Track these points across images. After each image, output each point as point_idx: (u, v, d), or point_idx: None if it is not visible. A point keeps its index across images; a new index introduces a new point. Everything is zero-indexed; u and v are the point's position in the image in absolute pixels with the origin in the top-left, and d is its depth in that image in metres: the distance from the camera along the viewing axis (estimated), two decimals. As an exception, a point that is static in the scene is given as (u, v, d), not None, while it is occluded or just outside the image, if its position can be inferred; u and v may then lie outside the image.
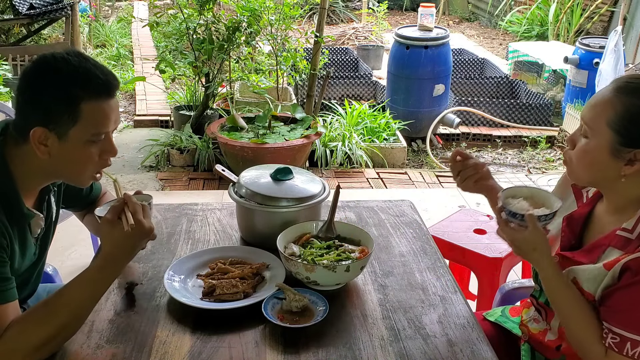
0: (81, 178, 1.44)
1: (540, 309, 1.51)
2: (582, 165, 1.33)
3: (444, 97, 5.32)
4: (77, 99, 1.30)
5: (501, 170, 4.90)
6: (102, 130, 1.35)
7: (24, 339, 1.26)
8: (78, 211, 1.80)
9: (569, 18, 7.77)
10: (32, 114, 1.31)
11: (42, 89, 1.30)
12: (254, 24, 4.53)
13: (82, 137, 1.33)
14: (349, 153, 4.60)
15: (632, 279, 1.23)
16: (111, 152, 1.41)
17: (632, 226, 1.29)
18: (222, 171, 1.81)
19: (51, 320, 1.28)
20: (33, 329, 1.27)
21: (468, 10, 11.19)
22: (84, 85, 1.30)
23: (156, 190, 4.15)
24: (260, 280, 1.57)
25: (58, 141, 1.32)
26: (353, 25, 9.45)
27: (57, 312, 1.29)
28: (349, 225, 1.71)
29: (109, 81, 1.34)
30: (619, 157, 1.27)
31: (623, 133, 1.25)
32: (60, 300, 1.31)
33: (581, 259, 1.36)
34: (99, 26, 8.41)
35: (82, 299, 1.32)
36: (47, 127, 1.30)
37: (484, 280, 2.39)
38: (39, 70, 1.32)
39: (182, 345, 1.34)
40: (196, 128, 4.66)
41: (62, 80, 1.30)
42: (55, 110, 1.30)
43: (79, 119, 1.31)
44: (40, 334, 1.27)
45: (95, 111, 1.32)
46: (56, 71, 1.30)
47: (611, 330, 1.25)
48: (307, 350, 1.34)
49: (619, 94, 1.27)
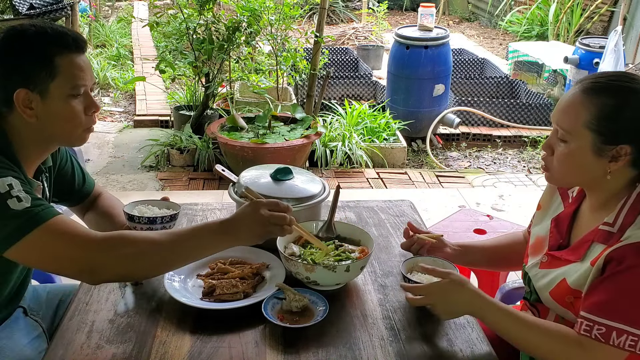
0: (73, 136, 1.47)
1: (533, 309, 1.52)
2: (567, 168, 1.35)
3: (444, 97, 5.32)
4: (50, 54, 1.37)
5: (501, 170, 4.90)
6: (80, 82, 1.41)
7: (122, 254, 1.31)
8: (73, 206, 1.79)
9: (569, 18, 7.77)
10: (12, 80, 1.37)
11: (15, 53, 1.37)
12: (254, 24, 4.53)
13: (62, 92, 1.39)
14: (349, 153, 4.60)
15: (615, 268, 1.24)
16: (94, 107, 1.46)
17: (613, 219, 1.31)
18: (222, 171, 1.81)
19: (153, 255, 1.34)
20: (134, 253, 1.32)
21: (468, 10, 11.19)
22: (54, 41, 1.38)
23: (156, 190, 4.15)
24: (260, 280, 1.57)
25: (41, 101, 1.38)
26: (353, 25, 9.45)
27: (162, 251, 1.34)
28: (349, 225, 1.71)
29: (77, 37, 1.42)
30: (603, 155, 1.30)
31: (603, 132, 1.28)
32: (167, 242, 1.35)
33: (569, 257, 1.39)
34: (99, 26, 8.40)
35: (189, 246, 1.37)
36: (28, 87, 1.36)
37: (484, 280, 2.39)
38: (9, 38, 1.39)
39: (182, 345, 1.34)
40: (196, 128, 4.66)
41: (33, 40, 1.38)
42: (32, 69, 1.36)
43: (57, 74, 1.37)
44: (137, 263, 1.33)
45: (70, 64, 1.39)
46: (26, 35, 1.38)
47: (596, 322, 1.25)
48: (307, 350, 1.34)
49: (589, 95, 1.29)
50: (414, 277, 1.50)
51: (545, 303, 1.44)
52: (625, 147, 1.28)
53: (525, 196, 4.17)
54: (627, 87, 1.29)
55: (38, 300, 1.71)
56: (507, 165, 5.05)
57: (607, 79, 1.32)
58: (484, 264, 1.85)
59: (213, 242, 1.39)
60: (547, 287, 1.41)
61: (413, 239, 1.67)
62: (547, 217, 1.54)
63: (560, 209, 1.50)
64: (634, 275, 1.23)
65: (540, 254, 1.49)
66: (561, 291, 1.37)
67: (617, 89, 1.29)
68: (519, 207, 3.93)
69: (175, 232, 1.42)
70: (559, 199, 1.53)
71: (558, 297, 1.38)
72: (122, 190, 4.13)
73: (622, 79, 1.31)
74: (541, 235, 1.52)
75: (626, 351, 1.23)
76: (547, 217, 1.53)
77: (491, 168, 4.98)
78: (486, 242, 1.82)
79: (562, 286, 1.37)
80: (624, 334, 1.22)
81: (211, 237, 1.38)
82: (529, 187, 4.39)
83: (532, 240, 1.56)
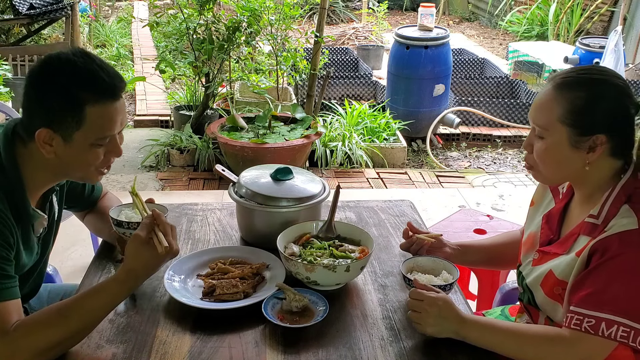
0: (86, 177, 1.45)
1: (527, 310, 1.53)
2: (547, 164, 1.38)
3: (444, 97, 5.31)
4: (81, 102, 1.28)
5: (501, 170, 4.90)
6: (108, 134, 1.34)
7: (31, 341, 1.25)
8: (79, 211, 1.80)
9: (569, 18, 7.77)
10: (37, 114, 1.30)
11: (46, 90, 1.28)
12: (254, 24, 4.53)
13: (87, 140, 1.32)
14: (349, 153, 4.60)
15: (599, 260, 1.27)
16: (115, 153, 1.40)
17: (598, 212, 1.34)
18: (222, 171, 1.81)
19: (62, 326, 1.27)
20: (42, 331, 1.26)
21: (468, 10, 11.19)
22: (89, 87, 1.28)
23: (156, 190, 4.15)
24: (260, 280, 1.57)
25: (63, 142, 1.31)
26: (353, 25, 9.45)
27: (69, 318, 1.28)
28: (349, 225, 1.71)
29: (115, 83, 1.31)
30: (580, 147, 1.32)
31: (577, 124, 1.31)
32: (74, 307, 1.30)
33: (557, 250, 1.41)
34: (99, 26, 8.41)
35: (96, 308, 1.32)
36: (52, 127, 1.29)
37: (484, 280, 2.39)
38: (44, 71, 1.30)
39: (182, 345, 1.34)
40: (196, 128, 4.66)
41: (66, 83, 1.27)
42: (60, 113, 1.28)
43: (84, 123, 1.29)
44: (49, 337, 1.26)
45: (101, 115, 1.30)
46: (61, 73, 1.28)
47: (586, 315, 1.26)
48: (307, 350, 1.34)
49: (560, 90, 1.33)
50: (413, 277, 1.50)
51: (537, 300, 1.44)
52: (601, 137, 1.31)
53: (525, 196, 4.17)
54: (597, 79, 1.33)
55: (39, 299, 1.71)
56: (507, 165, 5.05)
57: (577, 73, 1.36)
58: (483, 263, 1.86)
59: (123, 292, 1.36)
60: (537, 280, 1.43)
61: (412, 239, 1.68)
62: (538, 213, 1.56)
63: (551, 205, 1.53)
64: (618, 263, 1.24)
65: (532, 251, 1.50)
66: (550, 283, 1.39)
67: (587, 82, 1.32)
68: (519, 207, 3.93)
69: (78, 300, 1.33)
70: (550, 196, 1.55)
71: (547, 289, 1.40)
72: (122, 190, 4.13)
73: (592, 72, 1.35)
74: (533, 232, 1.54)
75: (617, 342, 1.24)
76: (539, 214, 1.56)
77: (491, 168, 4.99)
78: (484, 242, 1.83)
79: (550, 278, 1.39)
80: (614, 324, 1.23)
81: (116, 289, 1.34)
82: (529, 187, 4.39)
83: (525, 236, 1.57)
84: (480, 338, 1.35)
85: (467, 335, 1.35)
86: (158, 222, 1.37)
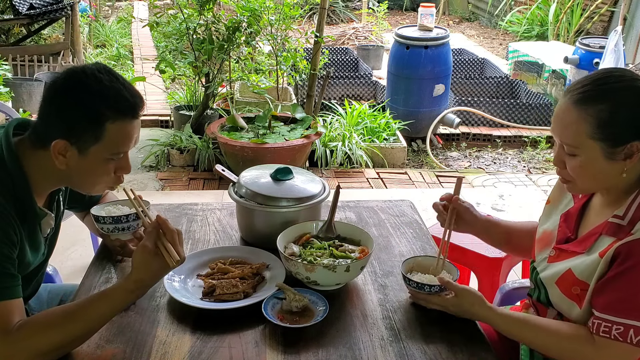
0: (93, 190, 1.46)
1: (535, 307, 1.52)
2: (585, 178, 1.36)
3: (444, 97, 5.32)
4: (103, 118, 1.30)
5: (501, 170, 4.90)
6: (123, 149, 1.37)
7: (33, 342, 1.25)
8: (80, 211, 1.80)
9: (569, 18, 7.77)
10: (56, 125, 1.31)
11: (70, 103, 1.30)
12: (254, 24, 4.53)
13: (102, 155, 1.34)
14: (349, 153, 4.60)
15: (621, 266, 1.26)
16: (125, 169, 1.41)
17: (623, 212, 1.32)
18: (222, 171, 1.81)
19: (65, 329, 1.27)
20: (45, 333, 1.26)
21: (468, 10, 11.19)
22: (112, 105, 1.30)
23: (156, 190, 4.15)
24: (260, 280, 1.57)
25: (77, 155, 1.32)
26: (353, 25, 9.45)
27: (73, 322, 1.28)
28: (349, 225, 1.71)
29: (136, 102, 1.35)
30: (616, 158, 1.30)
31: (607, 137, 1.29)
32: (79, 311, 1.30)
33: (575, 248, 1.40)
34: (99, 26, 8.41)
35: (101, 313, 1.32)
36: (69, 140, 1.30)
37: (484, 280, 2.39)
38: (70, 84, 1.31)
39: (182, 345, 1.34)
40: (196, 128, 4.66)
41: (91, 100, 1.29)
42: (80, 126, 1.30)
43: (102, 138, 1.31)
44: (51, 339, 1.26)
45: (120, 131, 1.33)
46: (87, 88, 1.30)
47: (614, 322, 1.26)
48: (307, 350, 1.34)
49: (582, 106, 1.30)
50: (413, 277, 1.50)
51: (551, 298, 1.43)
52: (636, 144, 1.29)
53: (525, 196, 4.17)
54: (615, 87, 1.30)
55: (39, 299, 1.71)
56: (507, 165, 5.05)
57: (595, 84, 1.32)
58: (500, 244, 1.80)
59: (127, 300, 1.36)
60: (553, 278, 1.42)
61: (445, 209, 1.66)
62: (556, 212, 1.54)
63: (570, 205, 1.51)
64: None
65: (548, 248, 1.49)
66: (567, 282, 1.38)
67: (606, 92, 1.29)
68: (519, 207, 3.93)
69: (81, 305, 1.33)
70: (569, 196, 1.53)
71: (564, 288, 1.39)
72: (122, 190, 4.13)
73: (609, 81, 1.31)
74: (549, 230, 1.52)
75: None
76: (557, 212, 1.54)
77: (491, 168, 4.99)
78: (509, 223, 1.78)
79: (568, 277, 1.38)
80: None
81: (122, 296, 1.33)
82: (529, 187, 4.39)
83: (539, 234, 1.56)
84: (502, 324, 1.40)
85: (489, 320, 1.40)
86: (164, 230, 1.35)
